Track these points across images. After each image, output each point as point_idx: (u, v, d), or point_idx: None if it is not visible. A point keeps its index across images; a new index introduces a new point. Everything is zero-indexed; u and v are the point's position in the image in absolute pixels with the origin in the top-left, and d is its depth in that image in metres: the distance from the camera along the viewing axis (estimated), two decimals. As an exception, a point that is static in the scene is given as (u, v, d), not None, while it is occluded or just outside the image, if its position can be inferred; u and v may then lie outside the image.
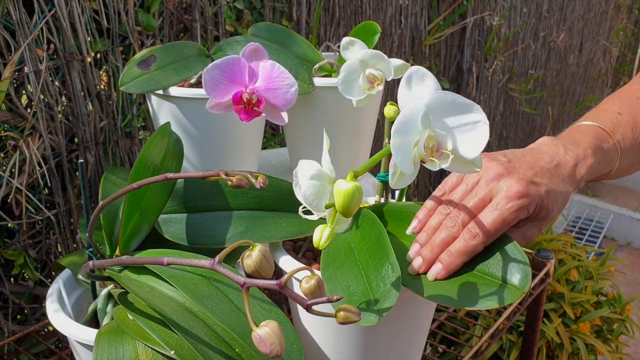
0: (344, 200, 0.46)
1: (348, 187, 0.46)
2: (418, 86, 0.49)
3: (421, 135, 0.47)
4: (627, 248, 3.10)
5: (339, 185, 0.46)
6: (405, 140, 0.47)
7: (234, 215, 0.63)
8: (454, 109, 0.47)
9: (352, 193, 0.46)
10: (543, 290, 0.96)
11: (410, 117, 0.47)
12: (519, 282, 0.51)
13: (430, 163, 0.48)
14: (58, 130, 0.88)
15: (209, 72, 0.61)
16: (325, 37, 1.36)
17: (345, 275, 0.55)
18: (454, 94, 0.47)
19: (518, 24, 2.18)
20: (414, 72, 0.49)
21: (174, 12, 1.02)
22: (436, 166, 0.47)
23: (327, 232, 0.48)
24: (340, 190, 0.46)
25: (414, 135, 0.47)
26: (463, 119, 0.47)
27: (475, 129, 0.47)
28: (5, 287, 0.88)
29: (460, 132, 0.48)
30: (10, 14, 0.78)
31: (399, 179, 0.49)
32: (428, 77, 0.49)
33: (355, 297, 0.52)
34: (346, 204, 0.46)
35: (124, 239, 0.58)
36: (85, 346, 0.56)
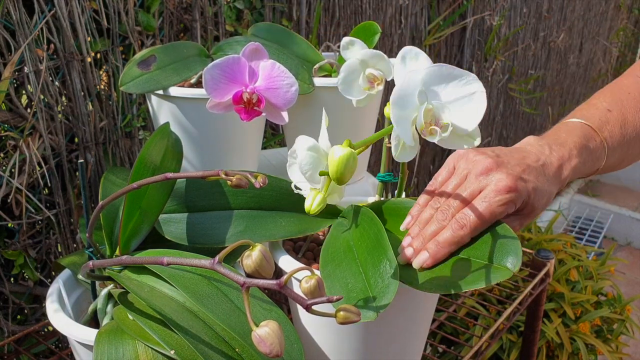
0: (338, 165, 0.46)
1: (343, 153, 0.46)
2: (412, 62, 0.49)
3: (419, 110, 0.47)
4: (627, 248, 3.10)
5: (334, 151, 0.46)
6: (404, 113, 0.47)
7: (233, 215, 0.63)
8: (450, 80, 0.47)
9: (347, 158, 0.46)
10: (543, 290, 0.96)
11: (407, 90, 0.47)
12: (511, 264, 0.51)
13: (430, 135, 0.47)
14: (58, 130, 0.88)
15: (209, 71, 0.61)
16: (325, 37, 1.37)
17: (343, 272, 0.55)
18: (450, 66, 0.47)
19: (518, 24, 2.18)
20: (408, 51, 0.49)
21: (174, 12, 1.02)
22: (436, 137, 0.47)
23: (319, 198, 0.48)
24: (334, 157, 0.46)
25: (411, 110, 0.48)
26: (460, 90, 0.47)
27: (472, 100, 0.47)
28: (5, 287, 0.88)
29: (457, 104, 0.48)
30: (10, 14, 0.79)
31: (402, 151, 0.49)
32: (422, 55, 0.49)
33: (354, 294, 0.52)
34: (340, 170, 0.46)
35: (124, 238, 0.58)
36: (85, 346, 0.56)
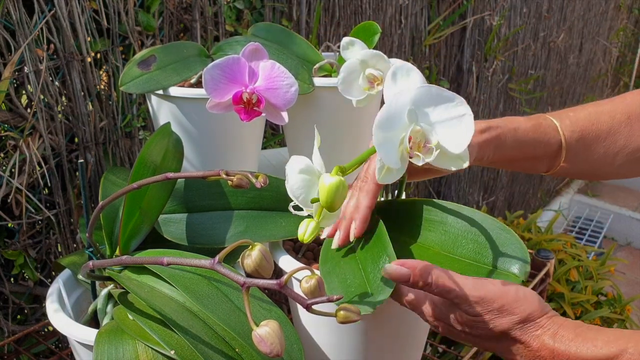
0: (327, 194, 0.46)
1: (332, 182, 0.46)
2: (403, 80, 0.49)
3: (407, 130, 0.47)
4: (627, 248, 3.10)
5: (323, 179, 0.46)
6: (389, 135, 0.47)
7: (234, 215, 0.63)
8: (440, 102, 0.47)
9: (336, 187, 0.46)
10: (543, 290, 0.96)
11: (395, 111, 0.47)
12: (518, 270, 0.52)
13: (415, 158, 0.47)
14: (58, 130, 0.88)
15: (209, 72, 0.61)
16: (325, 37, 1.36)
17: (342, 269, 0.55)
18: (439, 87, 0.47)
19: (518, 24, 2.18)
20: (399, 67, 0.49)
21: (174, 12, 1.02)
22: (420, 161, 0.47)
23: (312, 226, 0.48)
24: (324, 185, 0.46)
25: (399, 130, 0.47)
26: (449, 112, 0.47)
27: (461, 122, 0.47)
28: (5, 287, 0.88)
29: (446, 126, 0.47)
30: (10, 14, 0.79)
31: (385, 174, 0.49)
32: (414, 72, 0.49)
33: (352, 289, 0.53)
34: (330, 199, 0.46)
35: (124, 239, 0.58)
36: (85, 346, 0.56)
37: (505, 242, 0.54)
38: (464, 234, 0.56)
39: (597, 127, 0.65)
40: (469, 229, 0.56)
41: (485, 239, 0.55)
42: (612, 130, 0.65)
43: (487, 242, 0.55)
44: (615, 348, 0.46)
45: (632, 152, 0.66)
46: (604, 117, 0.65)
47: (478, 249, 0.55)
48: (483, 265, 0.54)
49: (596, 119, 0.65)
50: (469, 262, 0.55)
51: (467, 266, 0.54)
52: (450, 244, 0.56)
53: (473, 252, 0.55)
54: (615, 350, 0.46)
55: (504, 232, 0.55)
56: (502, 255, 0.53)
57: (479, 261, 0.54)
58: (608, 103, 0.67)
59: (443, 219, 0.58)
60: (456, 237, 0.56)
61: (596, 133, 0.65)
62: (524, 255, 0.53)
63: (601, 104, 0.67)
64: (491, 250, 0.54)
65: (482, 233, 0.56)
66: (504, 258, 0.53)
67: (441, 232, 0.57)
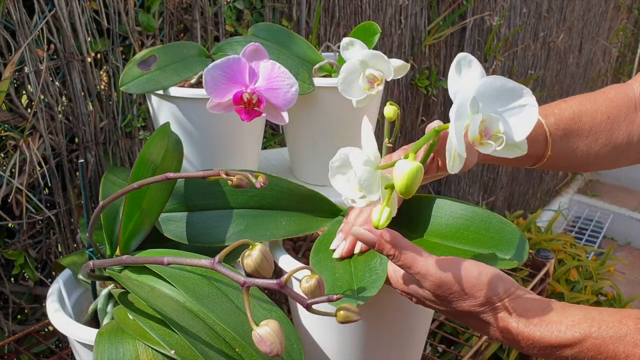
0: (407, 179, 0.45)
1: (412, 167, 0.45)
2: (466, 70, 0.49)
3: (471, 120, 0.47)
4: (627, 248, 3.10)
5: (402, 165, 0.45)
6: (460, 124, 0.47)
7: (234, 214, 0.64)
8: (503, 93, 0.47)
9: (416, 172, 0.45)
10: (543, 290, 0.96)
11: (463, 102, 0.47)
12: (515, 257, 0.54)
13: (483, 146, 0.47)
14: (58, 130, 0.88)
15: (210, 72, 0.61)
16: (325, 37, 1.37)
17: (333, 262, 0.57)
18: (503, 79, 0.47)
19: (518, 24, 2.18)
20: (462, 58, 0.49)
21: (174, 12, 1.02)
22: (490, 148, 0.47)
23: (387, 212, 0.47)
24: (403, 171, 0.45)
25: (464, 120, 0.48)
26: (512, 102, 0.48)
27: (522, 111, 0.48)
28: (5, 287, 0.88)
29: (508, 115, 0.48)
30: (11, 14, 0.79)
31: (454, 161, 0.49)
32: (475, 63, 0.49)
33: (339, 283, 0.54)
34: (409, 184, 0.45)
35: (124, 238, 0.58)
36: (85, 346, 0.56)
37: (505, 233, 0.56)
38: (466, 227, 0.58)
39: (580, 126, 0.67)
40: (470, 222, 0.58)
41: (487, 230, 0.57)
42: (594, 130, 0.68)
43: (488, 233, 0.56)
44: (579, 333, 0.46)
45: (612, 149, 0.69)
46: (586, 117, 0.68)
47: (479, 239, 0.57)
48: (483, 253, 0.55)
49: (579, 118, 0.68)
50: (469, 250, 0.56)
51: (466, 254, 0.56)
52: (451, 236, 0.58)
53: (474, 241, 0.57)
54: (579, 335, 0.46)
55: (506, 225, 0.56)
56: (502, 245, 0.55)
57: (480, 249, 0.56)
58: (590, 102, 0.69)
59: (444, 213, 0.59)
60: (458, 229, 0.58)
61: (578, 132, 0.67)
62: (523, 244, 0.55)
63: (584, 103, 0.69)
64: (491, 240, 0.56)
65: (483, 225, 0.57)
66: (504, 247, 0.55)
67: (443, 225, 0.59)
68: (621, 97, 0.69)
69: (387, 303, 0.59)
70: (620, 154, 0.69)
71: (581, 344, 0.46)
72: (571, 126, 0.67)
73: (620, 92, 0.70)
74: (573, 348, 0.47)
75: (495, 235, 0.56)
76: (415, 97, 1.77)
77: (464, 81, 0.49)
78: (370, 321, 0.61)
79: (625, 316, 0.46)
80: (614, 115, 0.68)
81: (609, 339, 0.45)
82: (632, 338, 0.45)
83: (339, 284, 0.54)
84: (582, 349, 0.46)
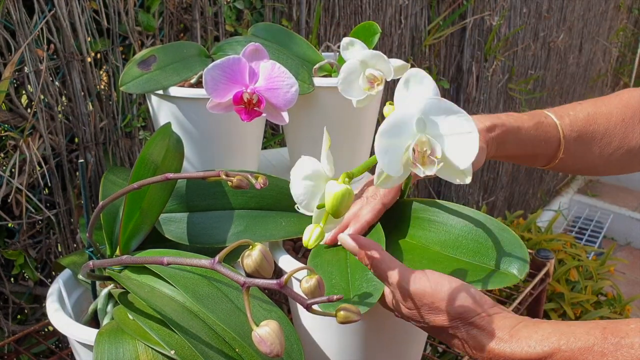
0: (333, 202, 0.46)
1: (338, 190, 0.46)
2: (416, 87, 0.49)
3: (414, 139, 0.47)
4: (627, 248, 3.10)
5: (330, 186, 0.46)
6: (394, 142, 0.47)
7: (234, 215, 0.64)
8: (449, 115, 0.47)
9: (342, 195, 0.46)
10: (543, 290, 0.96)
11: (404, 119, 0.47)
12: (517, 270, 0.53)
13: (416, 168, 0.47)
14: (58, 130, 0.88)
15: (210, 72, 0.61)
16: (325, 37, 1.37)
17: (331, 267, 0.56)
18: (449, 102, 0.47)
19: (518, 24, 2.18)
20: (413, 74, 0.49)
21: (174, 12, 1.02)
22: (421, 172, 0.47)
23: (317, 232, 0.48)
24: (330, 192, 0.46)
25: (406, 138, 0.47)
26: (457, 127, 0.47)
27: (467, 139, 0.47)
28: (5, 287, 0.88)
29: (452, 140, 0.47)
30: (11, 14, 0.79)
31: (384, 180, 0.49)
32: (427, 80, 0.49)
33: (335, 290, 0.53)
34: (335, 206, 0.46)
35: (124, 238, 0.58)
36: (85, 346, 0.56)
37: (506, 242, 0.55)
38: (465, 235, 0.56)
39: (594, 128, 0.67)
40: (469, 229, 0.56)
41: (485, 239, 0.55)
42: (608, 132, 0.68)
43: (487, 242, 0.55)
44: (549, 346, 0.46)
45: (625, 152, 0.68)
46: (600, 119, 0.68)
47: (478, 249, 0.55)
48: (483, 265, 0.54)
49: (594, 120, 0.68)
50: (469, 262, 0.55)
51: (467, 266, 0.54)
52: (450, 244, 0.57)
53: (473, 252, 0.55)
54: (548, 349, 0.46)
55: (504, 232, 0.55)
56: (503, 256, 0.54)
57: (479, 261, 0.54)
58: (605, 105, 0.69)
59: (444, 220, 0.58)
60: (457, 237, 0.57)
61: (592, 134, 0.67)
62: (524, 255, 0.53)
63: (599, 105, 0.69)
64: (491, 250, 0.55)
65: (483, 233, 0.56)
66: (504, 258, 0.54)
67: (442, 232, 0.58)
68: (635, 100, 0.69)
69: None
70: (632, 158, 0.69)
71: (551, 357, 0.46)
72: (586, 128, 0.67)
73: (635, 96, 0.70)
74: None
75: (494, 244, 0.55)
76: (416, 97, 1.77)
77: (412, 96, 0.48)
78: (370, 321, 0.61)
79: (593, 327, 0.47)
80: (628, 118, 0.68)
81: (577, 350, 0.46)
82: (600, 347, 0.45)
83: (335, 290, 0.53)
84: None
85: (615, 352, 0.44)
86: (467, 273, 0.53)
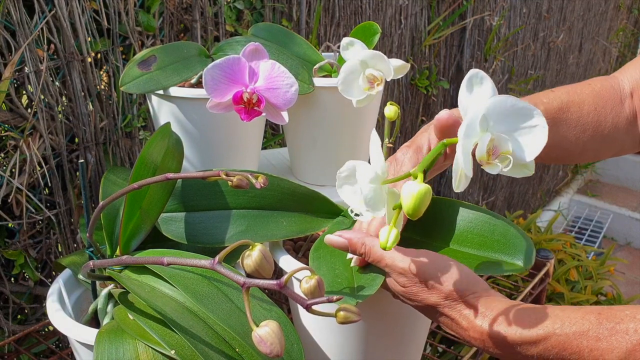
0: (415, 202, 0.44)
1: (420, 189, 0.44)
2: (477, 88, 0.49)
3: (480, 138, 0.47)
4: (627, 248, 3.10)
5: (410, 186, 0.45)
6: (468, 142, 0.47)
7: (234, 215, 0.64)
8: (514, 113, 0.47)
9: (425, 194, 0.44)
10: (543, 290, 0.96)
11: (473, 120, 0.47)
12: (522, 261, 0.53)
13: (489, 166, 0.47)
14: (58, 130, 0.88)
15: (210, 72, 0.61)
16: (325, 37, 1.37)
17: (333, 258, 0.56)
18: (514, 98, 0.47)
19: (518, 24, 2.18)
20: (474, 75, 0.49)
21: (174, 12, 1.02)
22: (496, 169, 0.47)
23: (394, 233, 0.46)
24: (411, 192, 0.44)
25: (473, 138, 0.47)
26: (522, 122, 0.47)
27: (532, 132, 0.47)
28: (5, 287, 0.88)
29: (517, 135, 0.48)
30: (11, 14, 0.79)
31: (460, 181, 0.48)
32: (486, 80, 0.49)
33: (339, 280, 0.54)
34: (417, 206, 0.44)
35: (125, 238, 0.58)
36: (85, 346, 0.56)
37: (510, 235, 0.56)
38: (470, 229, 0.57)
39: (567, 116, 0.67)
40: (473, 225, 0.58)
41: (491, 233, 0.56)
42: (581, 121, 0.67)
43: (493, 236, 0.56)
44: (543, 330, 0.46)
45: (600, 140, 0.68)
46: (574, 107, 0.67)
47: (484, 242, 0.56)
48: (489, 257, 0.55)
49: (567, 108, 0.67)
50: (475, 254, 0.56)
51: (472, 257, 0.55)
52: (456, 239, 0.57)
53: (479, 245, 0.56)
54: (542, 332, 0.46)
55: (509, 226, 0.56)
56: (508, 248, 0.55)
57: (485, 254, 0.56)
58: (577, 94, 0.69)
59: (449, 216, 0.59)
60: (462, 232, 0.58)
61: (566, 122, 0.67)
62: (529, 247, 0.54)
63: (571, 94, 0.69)
64: (496, 244, 0.56)
65: (489, 228, 0.57)
66: (510, 250, 0.55)
67: (448, 228, 0.58)
68: (607, 89, 0.69)
69: (388, 303, 0.59)
70: (605, 145, 0.70)
71: (545, 341, 0.46)
72: (559, 116, 0.67)
73: (606, 85, 0.70)
74: (537, 346, 0.47)
75: (500, 238, 0.56)
76: (415, 97, 1.77)
77: (475, 98, 0.49)
78: (371, 321, 0.61)
79: (588, 312, 0.47)
80: (600, 107, 0.68)
81: (572, 334, 0.46)
82: (595, 332, 0.45)
83: (338, 280, 0.54)
84: (547, 347, 0.46)
85: (609, 337, 0.44)
86: (473, 263, 0.54)
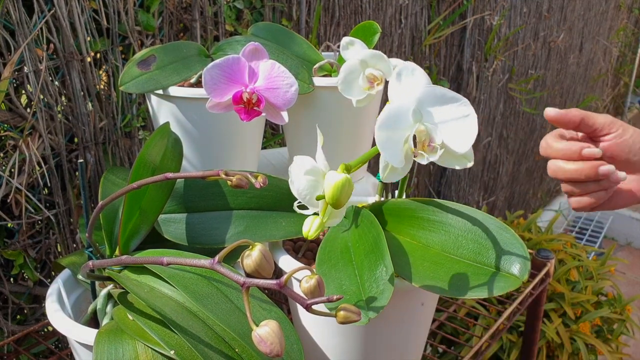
0: (334, 191, 0.47)
1: (338, 179, 0.47)
2: (408, 80, 0.49)
3: (412, 129, 0.47)
4: (627, 248, 3.10)
5: (330, 177, 0.47)
6: (393, 134, 0.48)
7: (233, 215, 0.63)
8: (444, 102, 0.48)
9: (342, 185, 0.46)
10: (543, 290, 0.96)
11: (399, 110, 0.47)
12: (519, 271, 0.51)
13: (419, 157, 0.48)
14: (58, 130, 0.88)
15: (209, 71, 0.61)
16: (325, 37, 1.36)
17: (339, 273, 0.55)
18: (443, 88, 0.48)
19: (518, 24, 2.18)
20: (405, 67, 0.50)
21: (173, 11, 1.02)
22: (425, 160, 0.48)
23: (317, 223, 0.48)
24: (330, 182, 0.47)
25: (403, 129, 0.48)
26: (453, 112, 0.48)
27: (464, 122, 0.48)
28: (5, 287, 0.88)
29: (450, 126, 0.48)
30: (10, 13, 0.78)
31: (390, 173, 0.49)
32: (418, 71, 0.49)
33: (347, 296, 0.52)
34: (336, 196, 0.47)
35: (124, 238, 0.58)
36: (85, 346, 0.56)
37: (506, 242, 0.54)
38: (464, 234, 0.56)
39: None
40: (469, 229, 0.56)
41: (486, 239, 0.55)
42: None
43: (488, 242, 0.54)
44: None
45: None
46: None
47: (479, 250, 0.55)
48: (484, 267, 0.54)
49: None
50: (470, 262, 0.54)
51: (467, 267, 0.54)
52: (451, 244, 0.56)
53: (474, 252, 0.55)
54: None
55: (505, 232, 0.55)
56: (503, 256, 0.53)
57: (480, 262, 0.54)
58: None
59: (444, 219, 0.58)
60: (457, 237, 0.56)
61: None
62: (525, 256, 0.53)
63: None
64: (492, 250, 0.54)
65: (483, 233, 0.55)
66: (505, 258, 0.53)
67: (442, 232, 0.57)
68: None
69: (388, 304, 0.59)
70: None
71: None
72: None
73: None
74: None
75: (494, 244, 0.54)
76: (416, 97, 1.77)
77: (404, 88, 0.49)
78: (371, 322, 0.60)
79: None
80: None
81: None
82: None
83: (347, 297, 0.53)
84: None
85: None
86: (469, 277, 0.53)
